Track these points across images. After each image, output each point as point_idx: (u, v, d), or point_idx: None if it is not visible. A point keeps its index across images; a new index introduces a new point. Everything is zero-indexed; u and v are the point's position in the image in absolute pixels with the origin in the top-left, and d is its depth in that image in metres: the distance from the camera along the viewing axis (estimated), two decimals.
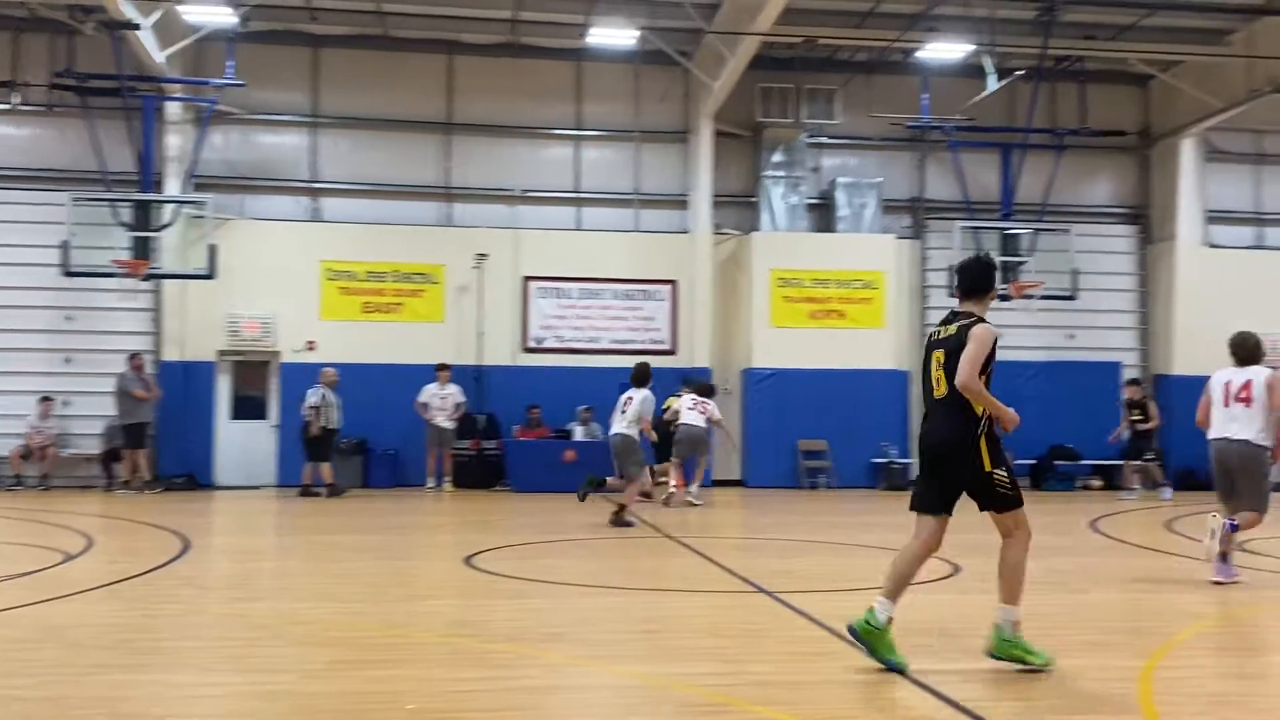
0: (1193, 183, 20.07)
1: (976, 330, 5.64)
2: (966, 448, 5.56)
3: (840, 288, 19.07)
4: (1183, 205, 19.92)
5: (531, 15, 18.23)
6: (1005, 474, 5.57)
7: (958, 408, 5.59)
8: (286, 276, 18.20)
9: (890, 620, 5.50)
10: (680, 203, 19.46)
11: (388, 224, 18.73)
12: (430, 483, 17.40)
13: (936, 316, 19.66)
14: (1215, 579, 8.13)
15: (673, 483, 15.22)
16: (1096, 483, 19.35)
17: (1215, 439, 8.46)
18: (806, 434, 18.69)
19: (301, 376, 17.94)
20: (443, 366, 17.59)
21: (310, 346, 18.16)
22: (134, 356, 17.01)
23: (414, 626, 6.66)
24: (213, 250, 16.76)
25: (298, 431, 16.69)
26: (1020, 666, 5.43)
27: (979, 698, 4.99)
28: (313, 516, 13.88)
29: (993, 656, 5.51)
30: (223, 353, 18.31)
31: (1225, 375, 8.48)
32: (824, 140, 19.87)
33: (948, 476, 5.67)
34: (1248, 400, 8.25)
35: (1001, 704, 4.92)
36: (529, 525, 12.45)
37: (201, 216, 17.02)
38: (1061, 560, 9.95)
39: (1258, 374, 8.32)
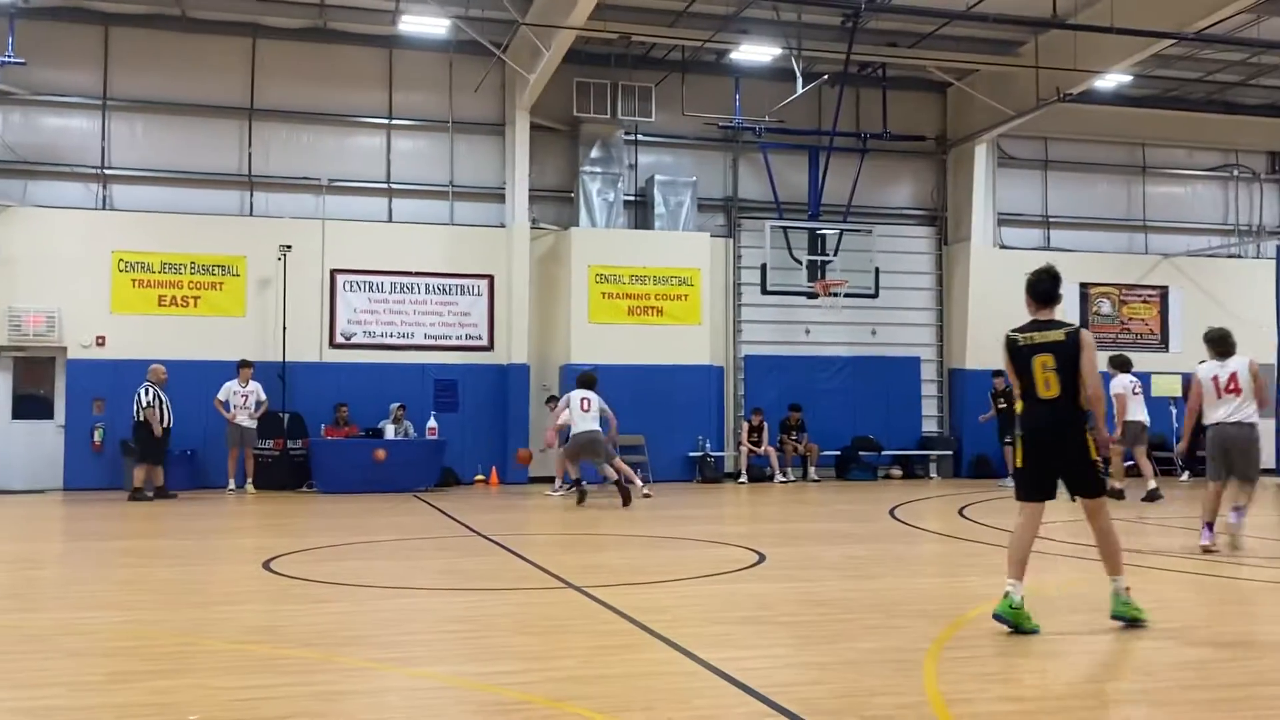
0: (985, 187, 21.14)
1: (1089, 339, 6.45)
2: (1079, 439, 6.37)
3: (658, 284, 19.26)
4: (976, 208, 20.94)
5: (339, 0, 17.73)
6: (1101, 462, 6.49)
7: (1071, 405, 6.37)
8: (74, 267, 17.16)
9: (1023, 598, 6.20)
10: (497, 196, 19.28)
11: (185, 213, 17.85)
12: (231, 484, 16.69)
13: (749, 313, 20.37)
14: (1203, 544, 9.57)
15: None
16: (897, 472, 20.17)
17: (1213, 424, 9.65)
18: (624, 429, 18.71)
19: (91, 374, 17.01)
20: (244, 363, 16.88)
21: (99, 342, 17.18)
22: None
23: (203, 634, 6.34)
24: None
25: (126, 432, 15.84)
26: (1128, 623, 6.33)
27: (774, 684, 5.07)
28: (100, 521, 13.14)
29: (1114, 618, 6.36)
30: (3, 348, 17.12)
31: (1211, 369, 9.66)
32: (641, 137, 20.04)
33: (1058, 465, 6.42)
34: (1237, 390, 9.48)
35: (795, 690, 5.02)
36: (334, 527, 12.08)
37: None
38: (859, 548, 10.31)
39: (1240, 365, 9.54)
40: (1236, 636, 6.41)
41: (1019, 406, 6.63)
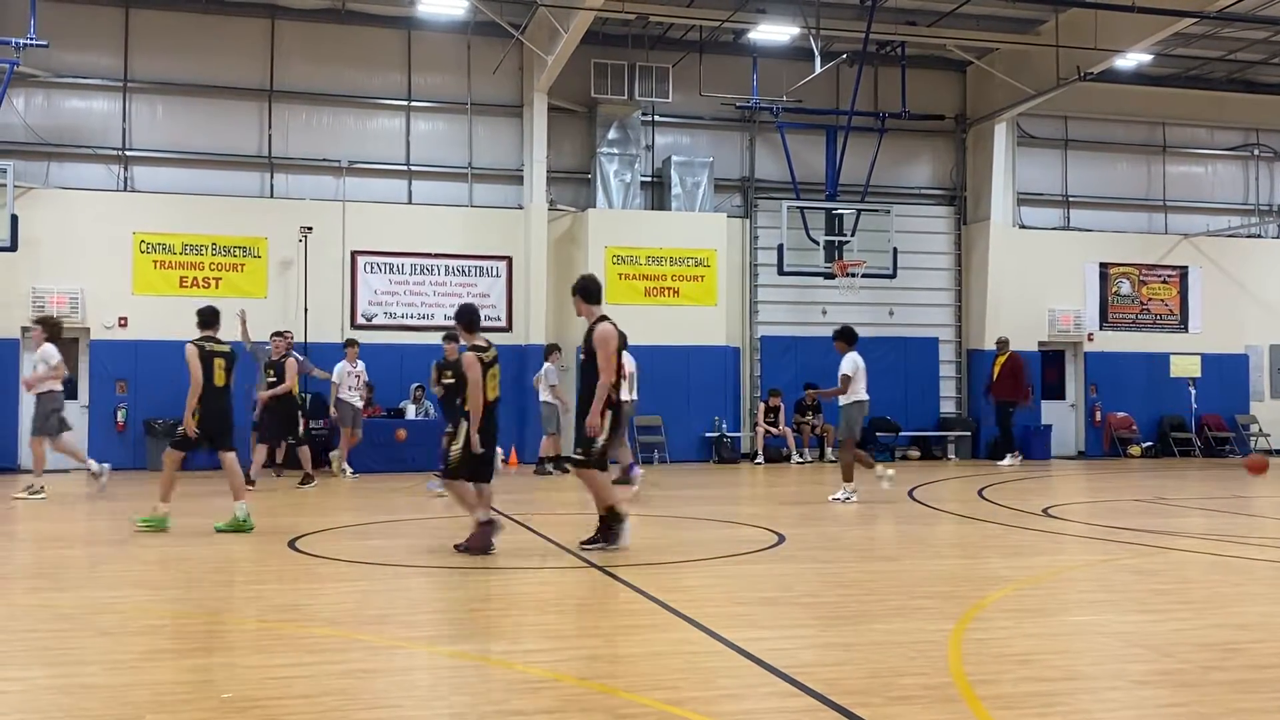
0: (1005, 166, 21.04)
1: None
2: None
3: (674, 265, 19.27)
4: (996, 187, 20.84)
5: None
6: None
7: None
8: (97, 249, 17.27)
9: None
10: (515, 177, 19.30)
11: (206, 194, 17.94)
12: (348, 470, 16.15)
13: (766, 294, 20.38)
14: None
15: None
16: (915, 453, 20.17)
17: None
18: (641, 409, 18.78)
19: (114, 355, 17.14)
20: (350, 342, 16.78)
21: (122, 323, 17.31)
22: None
23: (232, 613, 6.43)
24: (14, 220, 15.82)
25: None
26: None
27: (799, 665, 5.12)
28: (125, 501, 13.24)
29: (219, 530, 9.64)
30: (27, 329, 17.24)
31: None
32: (658, 118, 20.01)
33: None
34: None
35: (819, 670, 5.06)
36: (357, 506, 12.20)
37: (1, 185, 15.98)
38: (878, 529, 10.34)
39: None
40: (1258, 618, 6.43)
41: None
